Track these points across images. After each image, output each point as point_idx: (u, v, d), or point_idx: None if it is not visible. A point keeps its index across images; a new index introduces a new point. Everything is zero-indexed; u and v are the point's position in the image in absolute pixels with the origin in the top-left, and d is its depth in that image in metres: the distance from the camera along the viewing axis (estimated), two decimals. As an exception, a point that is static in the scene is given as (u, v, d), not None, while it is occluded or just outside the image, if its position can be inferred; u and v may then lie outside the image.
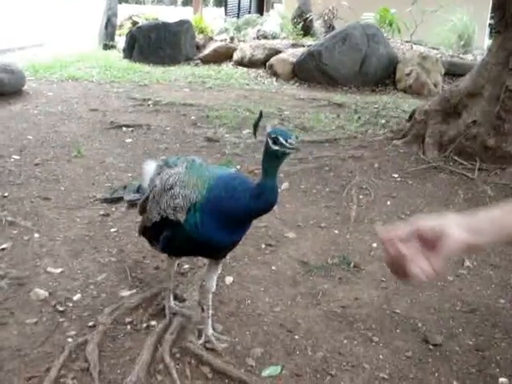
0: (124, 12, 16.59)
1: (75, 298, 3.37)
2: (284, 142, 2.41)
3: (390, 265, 1.30)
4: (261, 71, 12.06)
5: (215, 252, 2.89)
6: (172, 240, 2.83)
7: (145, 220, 3.05)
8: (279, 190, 5.12)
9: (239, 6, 19.74)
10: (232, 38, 13.97)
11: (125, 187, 3.60)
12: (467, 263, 4.15)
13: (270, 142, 2.44)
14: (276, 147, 2.43)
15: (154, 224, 2.90)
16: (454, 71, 11.41)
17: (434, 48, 13.22)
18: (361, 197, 5.24)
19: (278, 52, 12.28)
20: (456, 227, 1.26)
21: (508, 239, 1.31)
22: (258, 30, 14.51)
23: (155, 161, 3.30)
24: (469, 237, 1.26)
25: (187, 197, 2.66)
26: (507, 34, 6.14)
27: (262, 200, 2.53)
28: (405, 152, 6.53)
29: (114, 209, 4.58)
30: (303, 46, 12.64)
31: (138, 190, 3.37)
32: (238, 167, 5.77)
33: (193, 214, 2.63)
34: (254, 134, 2.68)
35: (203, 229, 2.63)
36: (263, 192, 2.52)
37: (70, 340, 2.98)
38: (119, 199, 3.55)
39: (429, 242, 1.27)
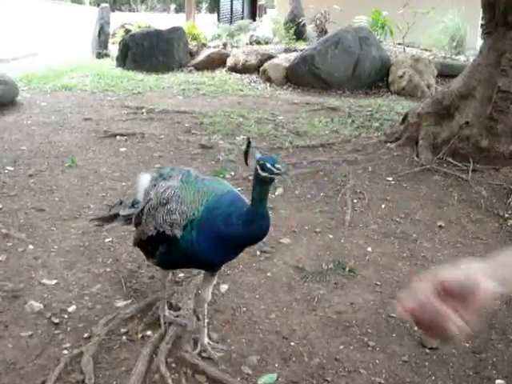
0: (117, 20, 16.58)
1: (70, 310, 3.36)
2: (271, 167, 2.42)
3: (427, 326, 1.20)
4: (254, 77, 12.08)
5: (210, 267, 2.91)
6: (168, 255, 2.81)
7: (140, 233, 3.01)
8: (273, 196, 5.17)
9: (232, 11, 19.79)
10: (225, 44, 13.97)
11: (121, 203, 3.53)
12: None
13: (259, 168, 2.45)
14: (264, 173, 2.44)
15: (150, 238, 2.87)
16: (446, 72, 11.49)
17: (426, 50, 13.29)
18: (355, 201, 5.25)
19: (271, 57, 12.31)
20: (485, 278, 1.19)
21: None
22: (251, 36, 14.53)
23: (149, 173, 3.29)
24: (500, 288, 1.19)
25: (184, 213, 2.63)
26: (498, 34, 6.17)
27: (253, 228, 2.52)
28: (398, 155, 6.53)
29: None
30: (296, 51, 12.68)
31: (133, 204, 3.33)
32: (232, 173, 5.77)
33: (189, 231, 2.61)
34: (245, 161, 2.69)
35: (198, 247, 2.61)
36: (254, 219, 2.50)
37: (65, 352, 2.97)
38: (116, 216, 3.45)
39: (457, 296, 1.18)
